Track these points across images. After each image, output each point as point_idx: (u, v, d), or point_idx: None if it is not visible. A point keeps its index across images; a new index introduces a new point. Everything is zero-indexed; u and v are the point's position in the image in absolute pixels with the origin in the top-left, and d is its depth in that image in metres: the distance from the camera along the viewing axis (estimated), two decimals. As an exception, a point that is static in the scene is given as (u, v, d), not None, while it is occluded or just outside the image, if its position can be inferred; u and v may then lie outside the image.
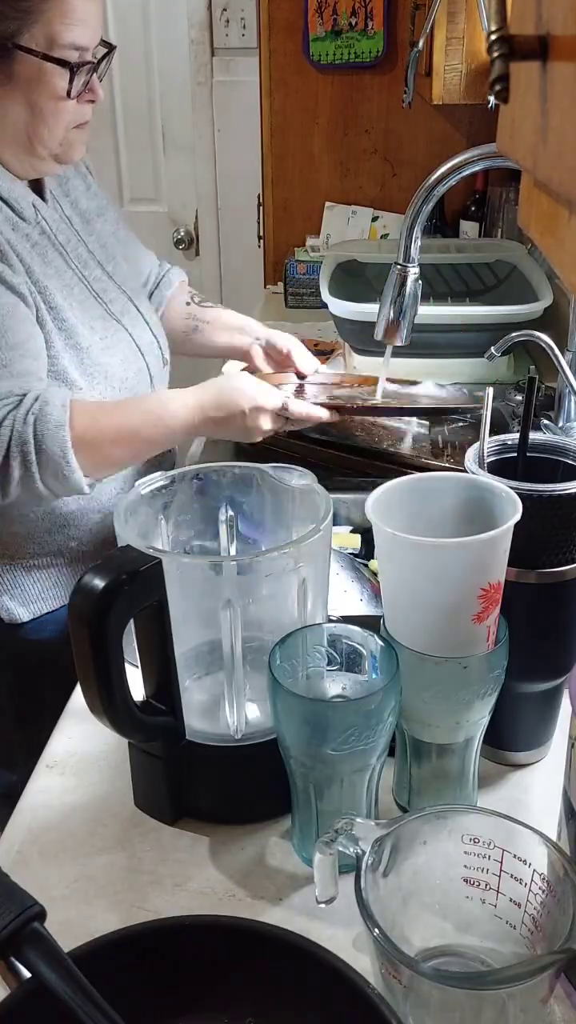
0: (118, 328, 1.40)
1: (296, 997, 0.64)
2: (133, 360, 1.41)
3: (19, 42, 1.19)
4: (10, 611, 1.38)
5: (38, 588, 1.39)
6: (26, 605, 1.39)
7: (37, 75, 1.21)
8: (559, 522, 0.84)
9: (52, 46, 1.20)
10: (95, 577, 0.75)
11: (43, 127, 1.25)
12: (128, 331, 1.41)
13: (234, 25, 2.86)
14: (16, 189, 1.29)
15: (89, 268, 1.39)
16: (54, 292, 1.29)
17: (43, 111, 1.23)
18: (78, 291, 1.36)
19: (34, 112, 1.24)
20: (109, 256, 1.45)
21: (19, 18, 1.18)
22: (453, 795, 0.87)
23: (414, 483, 0.86)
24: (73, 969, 0.59)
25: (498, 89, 0.45)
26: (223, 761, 0.88)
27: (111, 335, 1.37)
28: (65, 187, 1.42)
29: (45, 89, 1.22)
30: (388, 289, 1.36)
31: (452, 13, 1.58)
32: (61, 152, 1.29)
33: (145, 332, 1.46)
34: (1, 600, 1.38)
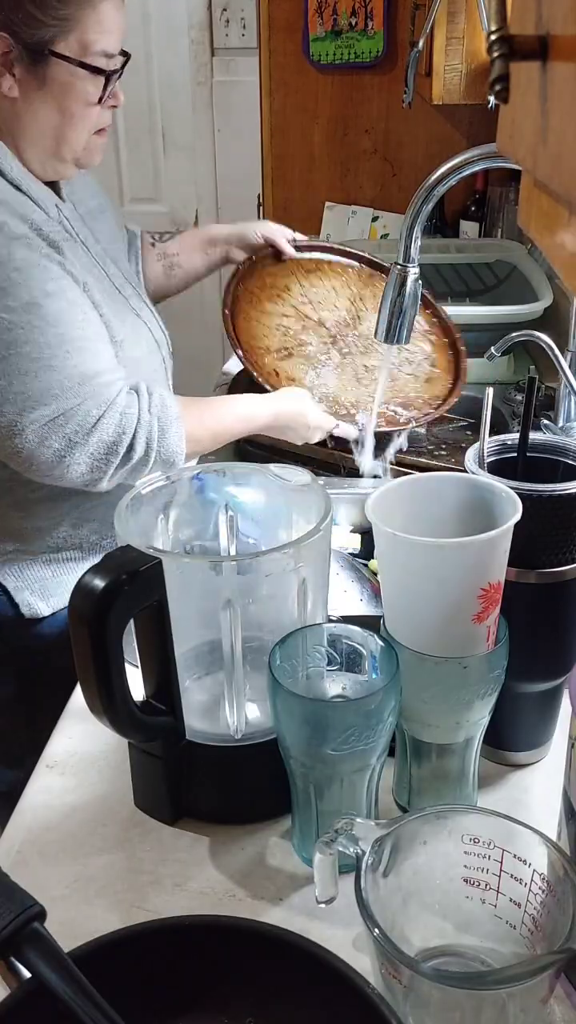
0: (139, 323, 1.43)
1: (296, 997, 0.64)
2: (155, 353, 1.46)
3: (55, 49, 1.22)
4: (30, 605, 1.39)
5: (57, 582, 1.40)
6: (46, 599, 1.40)
7: (70, 81, 1.25)
8: (559, 522, 0.84)
9: (84, 53, 1.23)
10: (95, 577, 0.75)
11: (71, 131, 1.28)
12: (147, 326, 1.45)
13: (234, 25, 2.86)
14: (42, 190, 1.31)
15: (107, 265, 1.42)
16: (92, 286, 1.33)
17: (73, 116, 1.27)
18: (106, 285, 1.39)
19: (64, 116, 1.27)
20: (117, 253, 1.48)
21: (56, 25, 1.21)
22: (453, 795, 0.87)
23: (414, 483, 0.86)
24: (73, 969, 0.59)
25: (498, 89, 0.45)
26: (223, 761, 0.88)
27: (135, 330, 1.42)
28: (70, 187, 1.43)
29: (77, 95, 1.26)
30: (388, 289, 1.36)
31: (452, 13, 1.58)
32: (83, 156, 1.32)
33: (157, 329, 1.50)
34: (22, 595, 1.39)
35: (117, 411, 1.24)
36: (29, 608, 1.39)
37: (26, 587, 1.39)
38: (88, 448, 1.23)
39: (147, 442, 1.26)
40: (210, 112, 2.97)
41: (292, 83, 2.35)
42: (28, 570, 1.39)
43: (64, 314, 1.23)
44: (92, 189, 1.49)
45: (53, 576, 1.40)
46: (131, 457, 1.26)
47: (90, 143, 1.31)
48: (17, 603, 1.39)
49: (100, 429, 1.23)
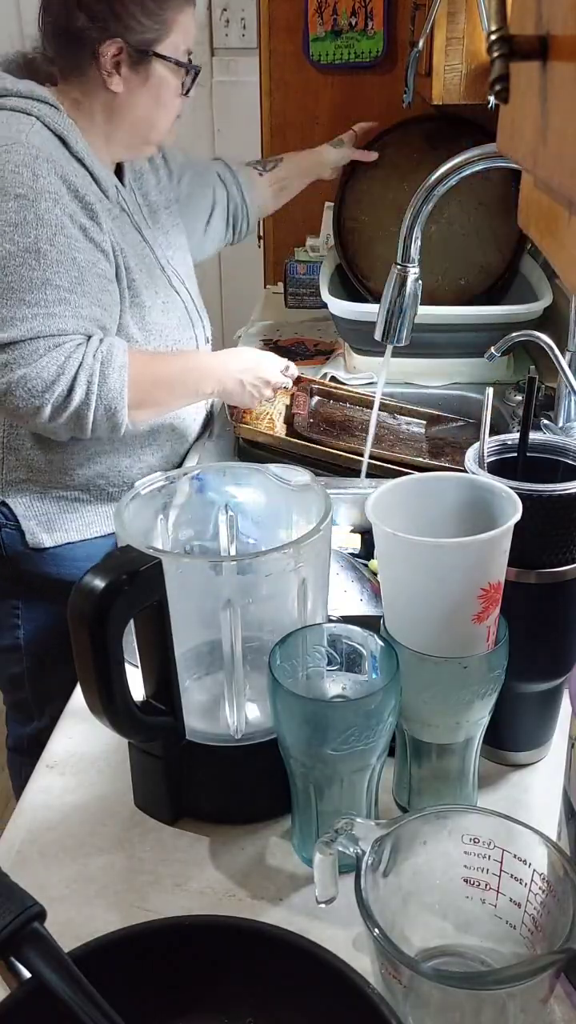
0: (176, 297, 1.57)
1: (296, 997, 0.64)
2: (187, 325, 1.59)
3: (158, 50, 1.42)
4: (34, 534, 1.50)
5: (62, 518, 1.52)
6: (50, 532, 1.51)
7: (167, 76, 1.45)
8: (559, 522, 0.84)
9: (177, 52, 1.44)
10: (95, 577, 0.75)
11: (164, 118, 1.49)
12: (183, 302, 1.59)
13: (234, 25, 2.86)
14: (104, 170, 1.46)
15: (156, 246, 1.56)
16: (129, 255, 1.48)
17: (167, 105, 1.47)
18: (148, 260, 1.53)
19: (160, 106, 1.46)
20: (169, 243, 1.62)
21: (159, 29, 1.41)
22: (453, 795, 0.87)
23: (414, 483, 0.86)
24: (73, 969, 0.59)
25: (498, 89, 0.45)
26: (223, 761, 0.88)
27: (171, 301, 1.55)
28: (139, 181, 1.60)
29: (171, 87, 1.46)
30: (388, 289, 1.37)
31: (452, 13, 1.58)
32: (166, 138, 1.53)
33: (193, 309, 1.63)
34: (28, 524, 1.50)
35: (63, 354, 1.35)
36: (33, 537, 1.51)
37: (32, 517, 1.51)
38: (24, 376, 1.33)
39: (87, 384, 1.35)
40: (210, 112, 2.97)
41: (292, 83, 2.35)
42: (37, 502, 1.51)
43: (59, 264, 1.34)
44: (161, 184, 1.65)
45: (59, 512, 1.52)
46: (72, 399, 1.35)
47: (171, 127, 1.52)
48: (23, 531, 1.50)
49: (41, 363, 1.33)
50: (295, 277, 2.31)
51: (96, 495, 1.53)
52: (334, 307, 1.83)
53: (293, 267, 2.31)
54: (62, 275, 1.35)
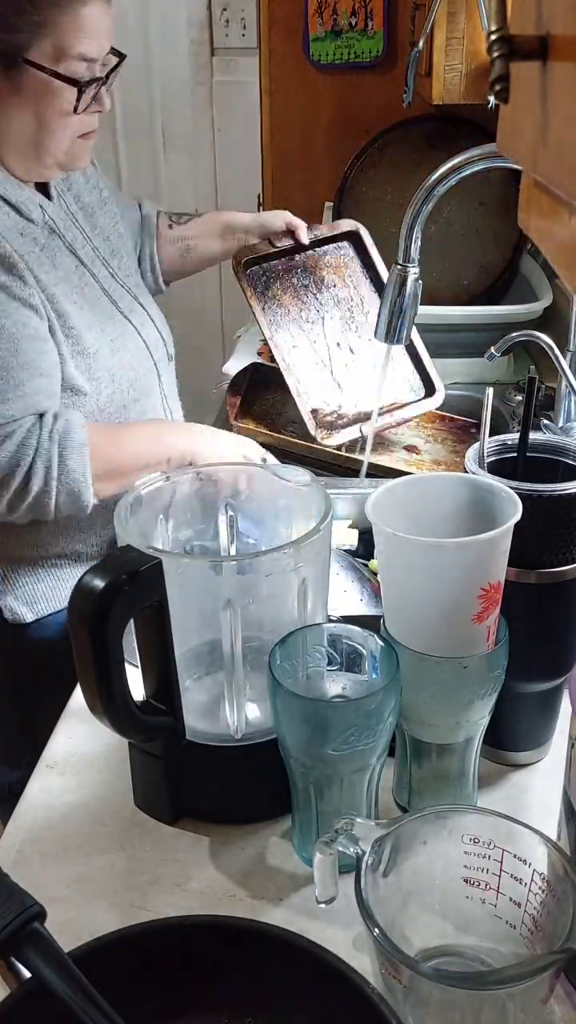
0: (126, 327, 1.40)
1: (296, 997, 0.64)
2: (142, 360, 1.42)
3: (28, 56, 1.18)
4: (13, 611, 1.38)
5: (42, 588, 1.39)
6: (30, 605, 1.39)
7: (44, 89, 1.21)
8: (559, 522, 0.84)
9: (61, 58, 1.19)
10: (95, 577, 0.75)
11: (49, 138, 1.25)
12: (137, 330, 1.42)
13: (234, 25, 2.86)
14: (23, 192, 1.29)
15: (97, 267, 1.40)
16: (61, 298, 1.30)
17: (49, 124, 1.24)
18: (89, 291, 1.36)
19: (41, 124, 1.24)
20: (113, 251, 1.45)
21: (30, 31, 1.17)
22: (453, 795, 0.87)
23: (414, 483, 0.86)
24: (73, 969, 0.59)
25: (498, 89, 0.45)
26: (223, 761, 0.88)
27: (120, 335, 1.38)
28: (67, 182, 1.42)
29: (52, 103, 1.22)
30: (388, 289, 1.37)
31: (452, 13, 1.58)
32: (66, 161, 1.30)
33: (152, 331, 1.47)
34: (6, 600, 1.38)
35: (15, 442, 1.21)
36: (12, 614, 1.38)
37: (9, 592, 1.38)
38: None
39: (46, 471, 1.22)
40: (210, 112, 2.97)
41: (292, 83, 2.35)
42: (12, 574, 1.38)
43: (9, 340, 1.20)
44: (93, 181, 1.47)
45: (38, 583, 1.39)
46: (29, 488, 1.23)
47: (74, 147, 1.29)
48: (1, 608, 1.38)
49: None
50: (295, 277, 2.30)
51: (75, 560, 1.40)
52: (334, 307, 1.82)
53: (293, 267, 2.30)
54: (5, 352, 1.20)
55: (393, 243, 1.37)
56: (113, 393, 1.36)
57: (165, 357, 1.50)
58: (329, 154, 2.39)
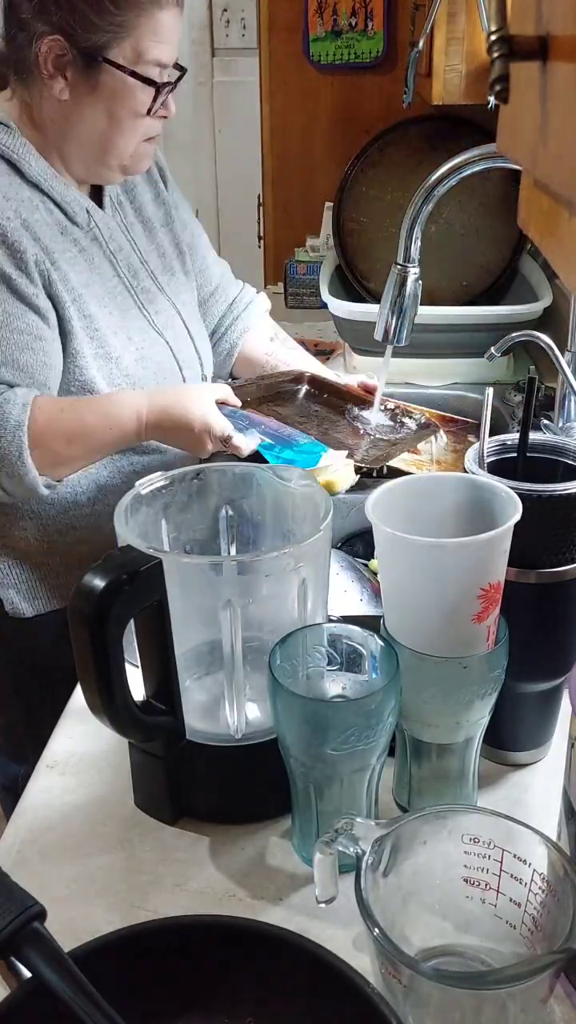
0: (157, 340, 1.40)
1: (296, 997, 0.64)
2: (169, 375, 1.41)
3: (108, 55, 1.21)
4: (15, 605, 1.39)
5: (44, 586, 1.40)
6: (30, 601, 1.40)
7: (121, 89, 1.24)
8: (559, 522, 0.84)
9: (138, 60, 1.23)
10: (95, 577, 0.75)
11: (119, 138, 1.28)
12: (169, 344, 1.41)
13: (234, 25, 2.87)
14: (70, 193, 1.30)
15: (139, 278, 1.40)
16: (90, 300, 1.30)
17: (122, 123, 1.27)
18: (121, 299, 1.36)
19: (112, 123, 1.27)
20: (166, 267, 1.45)
21: (111, 31, 1.20)
22: (453, 795, 0.87)
23: (414, 483, 0.86)
24: (73, 969, 0.59)
25: (498, 89, 0.45)
26: (223, 761, 0.88)
27: (148, 346, 1.38)
28: (131, 193, 1.43)
29: (127, 103, 1.25)
30: (388, 289, 1.37)
31: (452, 13, 1.58)
32: (130, 163, 1.32)
33: (187, 347, 1.45)
34: (8, 593, 1.39)
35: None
36: (12, 607, 1.39)
37: (11, 586, 1.39)
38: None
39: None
40: (210, 112, 2.97)
41: (292, 83, 2.35)
42: (16, 568, 1.39)
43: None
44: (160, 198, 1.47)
45: (42, 579, 1.40)
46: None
47: (138, 150, 1.31)
48: (1, 600, 1.39)
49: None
50: (295, 277, 2.31)
51: (80, 559, 1.37)
52: (334, 307, 1.83)
53: (293, 267, 2.31)
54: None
55: (393, 243, 1.37)
56: None
57: (198, 376, 1.48)
58: (329, 154, 2.40)
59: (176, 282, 1.47)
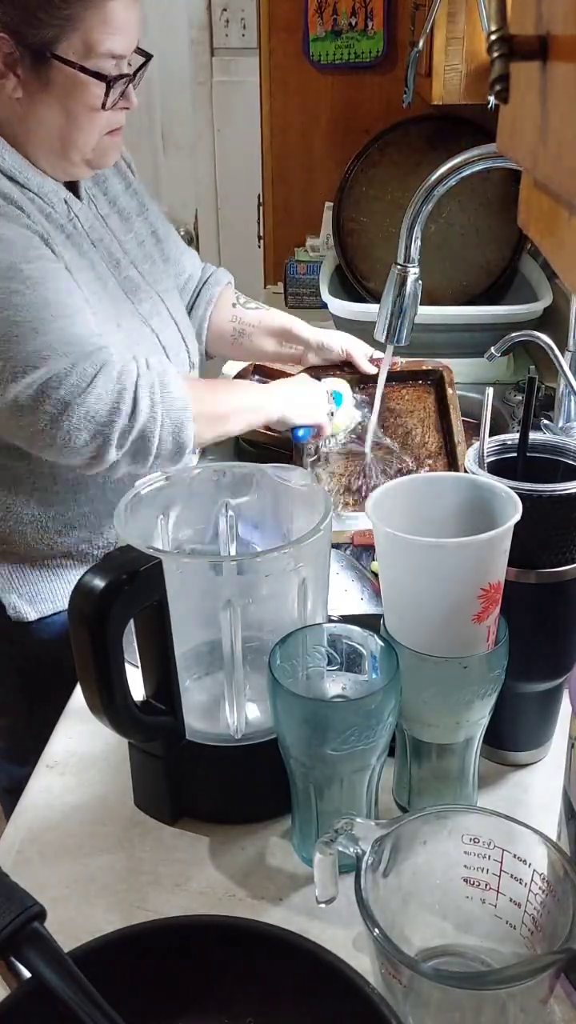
0: (143, 329, 1.39)
1: (296, 997, 0.64)
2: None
3: (56, 51, 1.18)
4: (17, 609, 1.38)
5: (47, 588, 1.39)
6: (33, 604, 1.39)
7: (73, 84, 1.21)
8: (559, 522, 0.84)
9: (89, 54, 1.19)
10: (95, 577, 0.75)
11: (77, 134, 1.25)
12: (156, 333, 1.41)
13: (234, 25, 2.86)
14: (47, 184, 1.29)
15: (121, 268, 1.39)
16: (83, 285, 1.29)
17: (78, 119, 1.24)
18: (110, 286, 1.36)
19: (69, 119, 1.24)
20: (145, 256, 1.45)
21: (58, 25, 1.17)
22: (453, 795, 0.87)
23: (414, 483, 0.86)
24: (73, 969, 0.59)
25: (498, 89, 0.45)
26: (223, 761, 0.88)
27: (136, 333, 1.38)
28: (103, 185, 1.41)
29: (81, 98, 1.22)
30: (388, 289, 1.37)
31: (452, 13, 1.58)
32: (94, 158, 1.30)
33: (174, 335, 1.45)
34: (9, 598, 1.38)
35: (114, 369, 1.18)
36: (15, 611, 1.38)
37: (13, 590, 1.38)
38: (86, 409, 1.16)
39: (151, 397, 1.19)
40: (210, 112, 2.97)
41: (292, 83, 2.35)
42: (17, 572, 1.38)
43: (47, 279, 1.19)
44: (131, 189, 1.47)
45: (42, 581, 1.39)
46: (136, 417, 1.18)
47: (101, 144, 1.29)
48: (3, 605, 1.38)
49: (97, 387, 1.16)
50: (295, 277, 2.31)
51: (80, 559, 1.38)
52: (334, 307, 1.83)
53: (293, 267, 2.31)
54: (55, 291, 1.19)
55: (393, 243, 1.37)
56: None
57: (186, 364, 1.48)
58: (329, 154, 2.40)
59: (157, 270, 1.46)
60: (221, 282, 1.63)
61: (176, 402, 1.21)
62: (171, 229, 1.57)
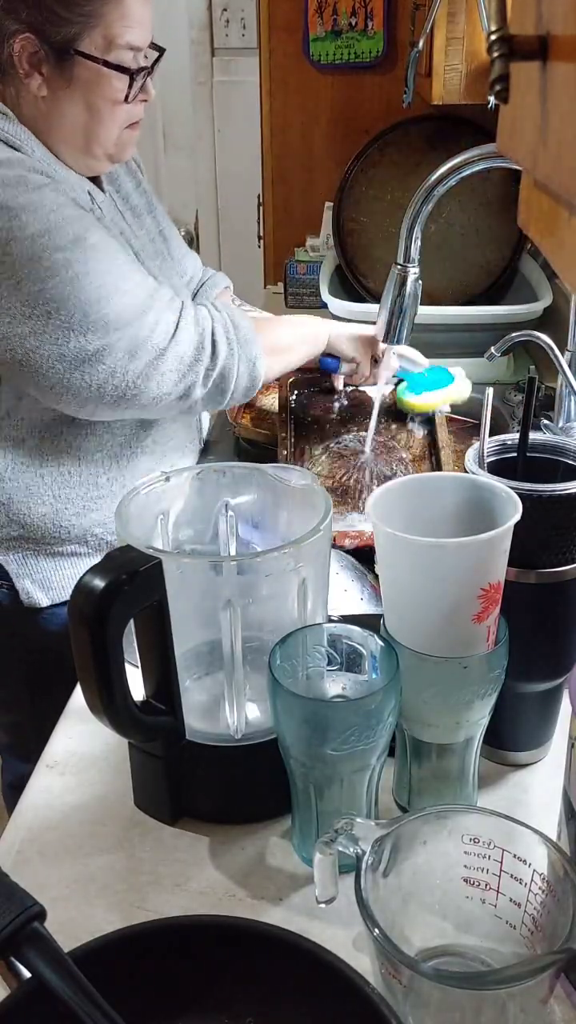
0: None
1: (296, 997, 0.64)
2: None
3: (79, 47, 1.22)
4: (30, 594, 1.40)
5: (59, 575, 1.41)
6: (46, 591, 1.40)
7: (96, 79, 1.24)
8: (559, 522, 0.84)
9: (110, 48, 1.23)
10: (95, 577, 0.75)
11: (101, 128, 1.29)
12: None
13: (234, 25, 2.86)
14: (71, 177, 1.32)
15: (141, 259, 1.42)
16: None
17: (101, 113, 1.27)
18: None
19: (92, 113, 1.27)
20: (156, 251, 1.48)
21: (80, 22, 1.21)
22: (453, 795, 0.87)
23: (414, 483, 0.86)
24: (73, 969, 0.59)
25: (498, 89, 0.45)
26: (223, 761, 0.88)
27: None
28: (116, 183, 1.45)
29: (104, 92, 1.26)
30: (388, 289, 1.37)
31: (452, 13, 1.58)
32: (115, 151, 1.33)
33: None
34: (23, 583, 1.40)
35: (190, 314, 1.28)
36: (28, 597, 1.40)
37: (27, 575, 1.40)
38: (178, 352, 1.26)
39: (227, 336, 1.29)
40: (210, 112, 2.97)
41: (292, 83, 2.35)
42: (31, 559, 1.40)
43: (110, 244, 1.26)
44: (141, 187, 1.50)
45: (55, 569, 1.41)
46: (217, 356, 1.28)
47: (122, 138, 1.32)
48: (17, 590, 1.40)
49: (182, 330, 1.26)
50: (295, 277, 2.31)
51: (95, 546, 1.41)
52: (334, 307, 1.83)
53: (293, 267, 2.31)
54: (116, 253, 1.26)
55: (393, 243, 1.37)
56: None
57: None
58: (329, 154, 2.40)
59: (167, 267, 1.50)
60: (219, 285, 1.66)
61: (248, 340, 1.31)
62: (175, 230, 1.61)
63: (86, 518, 1.39)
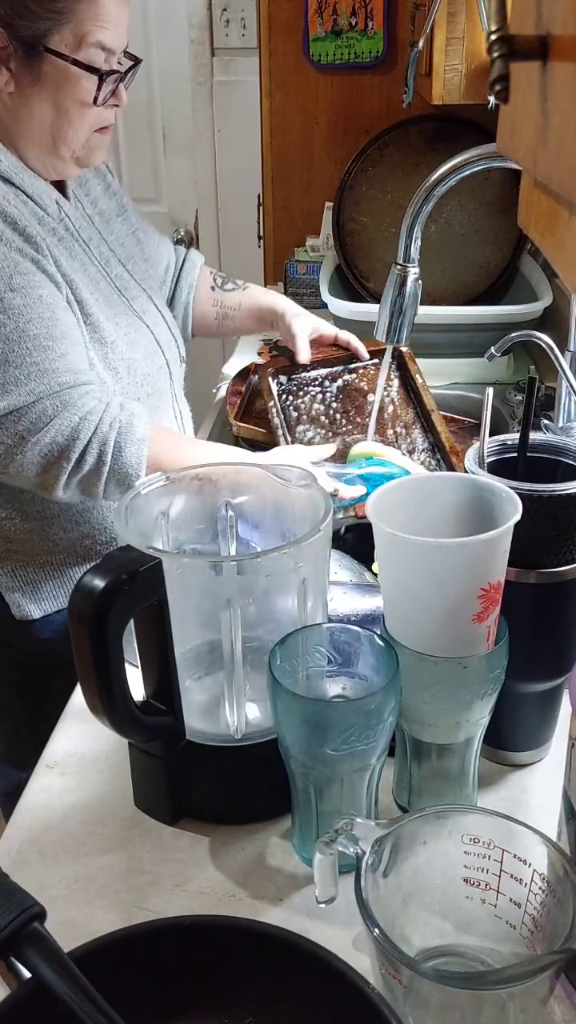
0: (140, 325, 1.41)
1: (296, 997, 0.64)
2: (154, 356, 1.43)
3: (49, 44, 1.19)
4: (21, 607, 1.39)
5: (49, 586, 1.40)
6: (37, 602, 1.39)
7: (64, 77, 1.22)
8: (559, 522, 0.84)
9: (80, 46, 1.20)
10: (95, 577, 0.75)
11: (68, 128, 1.26)
12: (149, 328, 1.43)
13: (234, 25, 2.86)
14: (39, 185, 1.29)
15: (111, 266, 1.41)
16: (80, 285, 1.30)
17: (69, 113, 1.24)
18: (104, 286, 1.37)
19: (60, 113, 1.24)
20: (129, 255, 1.46)
21: (51, 18, 1.18)
22: (453, 795, 0.87)
23: (414, 483, 0.86)
24: (73, 969, 0.59)
25: (498, 89, 0.45)
26: (223, 761, 0.88)
27: (134, 331, 1.39)
28: (85, 187, 1.43)
29: (72, 92, 1.23)
30: (388, 289, 1.37)
31: (452, 13, 1.58)
32: (83, 155, 1.31)
33: (164, 330, 1.48)
34: (13, 596, 1.38)
35: (76, 414, 1.20)
36: (19, 609, 1.39)
37: (17, 588, 1.39)
38: (39, 448, 1.19)
39: (99, 454, 1.21)
40: (210, 112, 2.96)
41: (292, 83, 2.35)
42: (21, 571, 1.38)
43: (28, 310, 1.19)
44: (111, 190, 1.48)
45: (46, 579, 1.40)
46: (82, 466, 1.21)
47: (91, 141, 1.29)
48: (8, 603, 1.38)
49: (53, 429, 1.19)
50: (295, 277, 2.31)
51: (84, 556, 1.39)
52: (334, 307, 1.83)
53: (293, 267, 2.31)
54: (35, 322, 1.20)
55: (393, 243, 1.37)
56: (130, 385, 1.36)
57: (177, 358, 1.51)
58: (329, 154, 2.40)
59: (141, 269, 1.48)
60: (197, 264, 1.66)
61: (127, 465, 1.22)
62: (149, 227, 1.59)
63: (73, 531, 1.38)
